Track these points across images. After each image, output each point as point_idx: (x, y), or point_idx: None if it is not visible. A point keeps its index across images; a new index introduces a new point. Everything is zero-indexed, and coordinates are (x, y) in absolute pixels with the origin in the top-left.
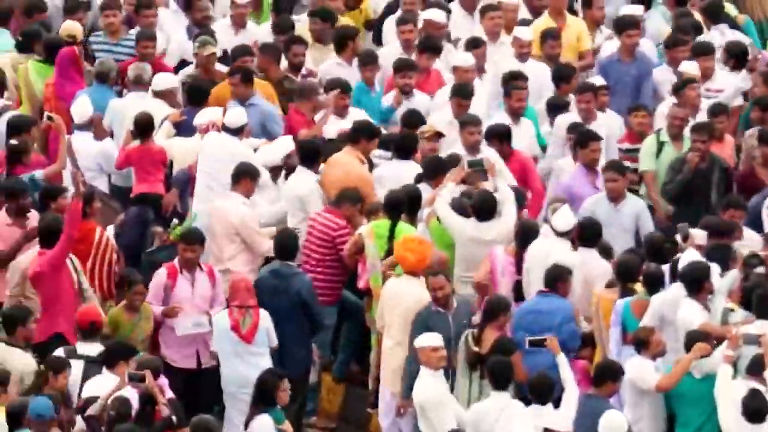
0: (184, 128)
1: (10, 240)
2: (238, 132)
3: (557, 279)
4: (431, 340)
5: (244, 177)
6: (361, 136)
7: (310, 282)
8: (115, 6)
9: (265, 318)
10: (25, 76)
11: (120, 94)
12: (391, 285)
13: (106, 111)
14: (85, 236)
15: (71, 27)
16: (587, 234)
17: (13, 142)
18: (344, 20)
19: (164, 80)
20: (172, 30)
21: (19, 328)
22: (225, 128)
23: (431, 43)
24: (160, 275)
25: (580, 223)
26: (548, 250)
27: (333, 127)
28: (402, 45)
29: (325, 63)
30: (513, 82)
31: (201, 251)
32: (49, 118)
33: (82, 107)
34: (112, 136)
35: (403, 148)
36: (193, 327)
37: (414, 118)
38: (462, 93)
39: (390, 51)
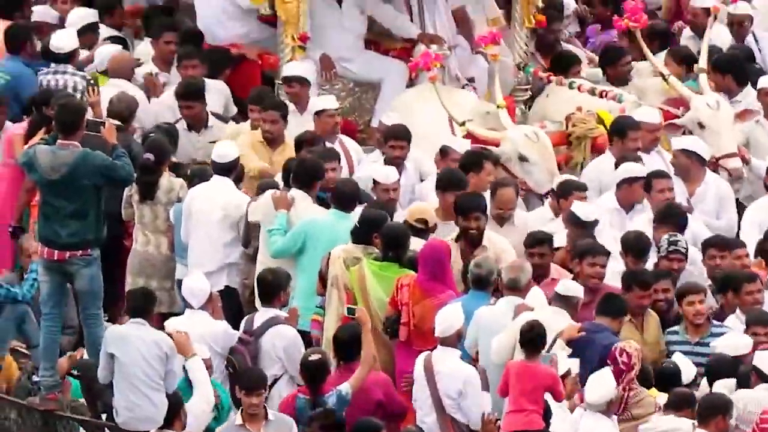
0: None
1: None
2: None
3: None
4: None
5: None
6: None
7: None
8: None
9: None
10: (359, 280)
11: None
12: None
13: (471, 321)
14: None
15: (420, 210)
16: None
17: (314, 357)
18: None
19: (573, 289)
20: None
21: None
22: None
23: None
24: None
25: None
26: None
27: None
28: None
29: None
30: None
31: None
32: (351, 311)
33: (453, 317)
34: None
35: None
36: None
37: None
38: None
39: None
